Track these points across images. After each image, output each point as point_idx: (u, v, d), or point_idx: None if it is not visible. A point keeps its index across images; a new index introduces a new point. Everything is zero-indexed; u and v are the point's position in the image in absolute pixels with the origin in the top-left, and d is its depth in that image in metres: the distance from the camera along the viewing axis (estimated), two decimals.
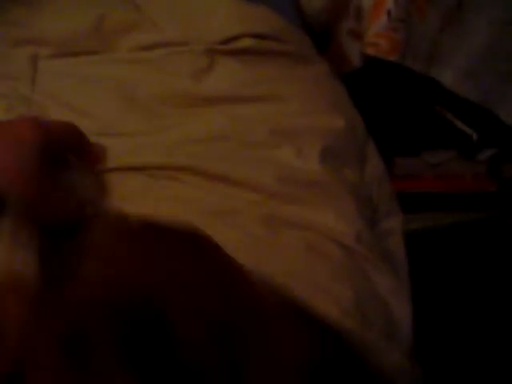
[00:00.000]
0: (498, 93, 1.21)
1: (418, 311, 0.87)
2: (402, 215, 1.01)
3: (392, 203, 1.00)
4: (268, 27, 0.98)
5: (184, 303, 0.47)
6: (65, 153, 0.72)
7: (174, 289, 0.48)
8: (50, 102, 0.91)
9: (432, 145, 1.31)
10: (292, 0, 1.17)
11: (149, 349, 0.43)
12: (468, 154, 1.35)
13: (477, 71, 1.17)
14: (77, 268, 0.49)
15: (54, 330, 0.45)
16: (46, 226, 0.58)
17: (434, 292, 1.27)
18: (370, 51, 1.07)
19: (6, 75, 0.94)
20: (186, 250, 0.55)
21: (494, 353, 1.23)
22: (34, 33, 0.97)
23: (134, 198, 0.81)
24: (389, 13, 1.06)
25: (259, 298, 0.54)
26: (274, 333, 0.52)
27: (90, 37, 0.96)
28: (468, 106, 1.24)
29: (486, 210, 1.39)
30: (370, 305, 0.81)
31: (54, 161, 0.66)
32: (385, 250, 0.93)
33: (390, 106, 1.22)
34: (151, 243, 0.53)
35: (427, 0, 1.09)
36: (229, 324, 0.48)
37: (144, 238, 0.54)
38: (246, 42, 0.95)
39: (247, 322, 0.50)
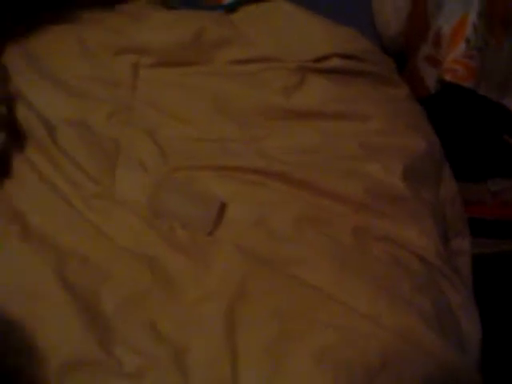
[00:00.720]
0: None
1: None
2: (470, 237, 1.03)
3: (463, 224, 1.02)
4: (356, 48, 1.02)
5: None
6: None
7: None
8: (151, 109, 0.97)
9: (497, 173, 1.33)
10: (371, 22, 1.21)
11: None
12: None
13: None
14: None
15: None
16: None
17: (493, 317, 1.28)
18: (448, 77, 1.10)
19: (107, 81, 1.00)
20: None
21: None
22: (136, 42, 1.02)
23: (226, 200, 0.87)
24: (467, 41, 1.10)
25: None
26: None
27: (189, 48, 1.01)
28: None
29: None
30: (446, 317, 0.84)
31: None
32: (455, 267, 0.96)
33: (460, 132, 1.24)
34: None
35: (505, 29, 1.13)
36: None
37: None
38: (335, 62, 1.00)
39: None
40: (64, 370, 0.72)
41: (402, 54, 1.30)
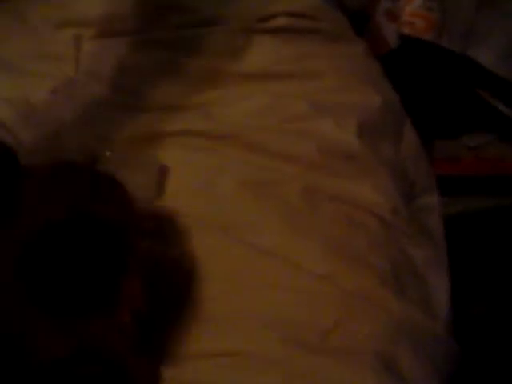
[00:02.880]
0: None
1: (456, 295, 0.87)
2: (439, 192, 1.01)
3: (429, 180, 1.00)
4: (303, 6, 0.99)
5: None
6: None
7: None
8: (94, 81, 0.95)
9: (473, 128, 1.30)
10: None
11: None
12: (509, 137, 1.33)
13: None
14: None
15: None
16: None
17: (474, 276, 1.26)
18: (406, 30, 1.07)
19: (50, 55, 0.98)
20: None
21: None
22: (76, 14, 1.00)
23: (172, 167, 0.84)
24: None
25: None
26: None
27: (130, 17, 0.98)
28: (509, 88, 1.23)
29: None
30: (406, 275, 0.81)
31: None
32: (422, 225, 0.93)
33: (431, 88, 1.21)
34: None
35: None
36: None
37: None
38: (283, 21, 0.97)
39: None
40: None
41: (364, 13, 1.27)
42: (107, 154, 0.83)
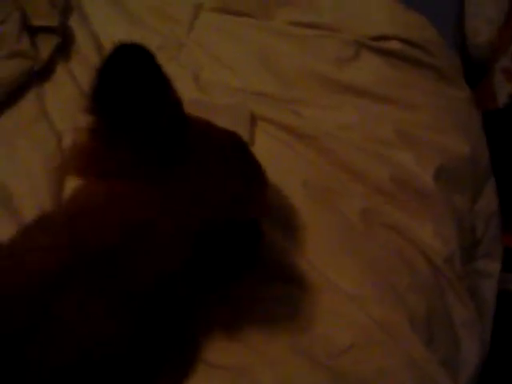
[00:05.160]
0: None
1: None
2: (501, 263, 0.97)
3: (496, 247, 0.96)
4: (420, 36, 0.98)
5: None
6: None
7: None
8: (201, 50, 0.98)
9: None
10: (457, 24, 1.16)
11: None
12: None
13: None
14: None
15: None
16: None
17: None
18: None
19: (167, 16, 1.02)
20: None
21: None
22: None
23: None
24: None
25: None
26: None
27: (252, 1, 1.01)
28: None
29: None
30: (439, 328, 0.78)
31: None
32: (474, 287, 0.90)
33: None
34: None
35: None
36: None
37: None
38: (395, 45, 0.97)
39: None
40: None
41: (484, 67, 1.24)
42: None
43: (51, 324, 0.52)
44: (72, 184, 0.63)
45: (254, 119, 0.89)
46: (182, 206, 0.56)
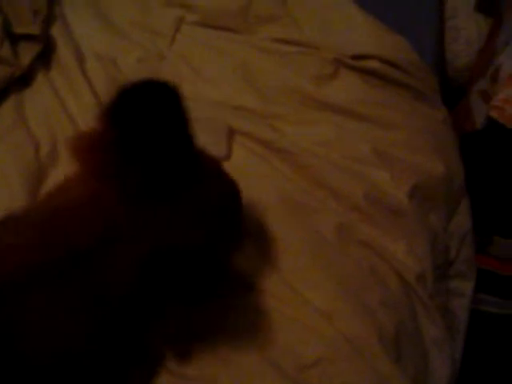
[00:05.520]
0: None
1: None
2: (474, 283, 0.98)
3: (469, 267, 0.97)
4: (399, 56, 0.99)
5: None
6: None
7: None
8: (182, 62, 0.99)
9: None
10: (437, 47, 1.18)
11: None
12: None
13: None
14: None
15: None
16: None
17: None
18: (495, 114, 1.05)
19: (149, 28, 1.03)
20: None
21: None
22: None
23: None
24: None
25: None
26: None
27: (235, 16, 1.02)
28: None
29: None
30: (408, 345, 0.79)
31: None
32: (446, 305, 0.91)
33: (505, 179, 1.17)
34: None
35: None
36: None
37: None
38: (375, 64, 0.98)
39: None
40: None
41: (462, 90, 1.26)
42: None
43: (16, 324, 0.52)
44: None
45: (232, 133, 0.90)
46: (151, 228, 0.57)
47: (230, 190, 0.68)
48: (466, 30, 1.25)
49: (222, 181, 0.67)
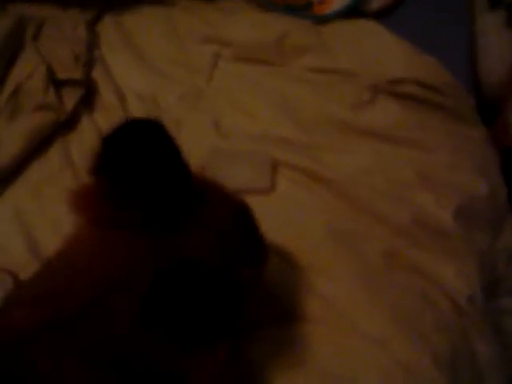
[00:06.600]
0: None
1: None
2: None
3: None
4: (434, 78, 1.00)
5: None
6: None
7: None
8: (221, 98, 1.01)
9: None
10: (469, 65, 1.18)
11: None
12: None
13: None
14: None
15: None
16: None
17: None
18: None
19: (186, 65, 1.05)
20: None
21: None
22: (222, 34, 1.07)
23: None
24: None
25: None
26: None
27: (270, 49, 1.04)
28: None
29: None
30: (464, 367, 0.79)
31: None
32: (498, 325, 0.90)
33: None
34: None
35: None
36: None
37: None
38: (411, 88, 0.99)
39: None
40: None
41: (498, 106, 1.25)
42: None
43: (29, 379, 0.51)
44: None
45: (275, 165, 0.91)
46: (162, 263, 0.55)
47: (237, 209, 0.66)
48: (497, 47, 1.25)
49: (227, 202, 0.65)
